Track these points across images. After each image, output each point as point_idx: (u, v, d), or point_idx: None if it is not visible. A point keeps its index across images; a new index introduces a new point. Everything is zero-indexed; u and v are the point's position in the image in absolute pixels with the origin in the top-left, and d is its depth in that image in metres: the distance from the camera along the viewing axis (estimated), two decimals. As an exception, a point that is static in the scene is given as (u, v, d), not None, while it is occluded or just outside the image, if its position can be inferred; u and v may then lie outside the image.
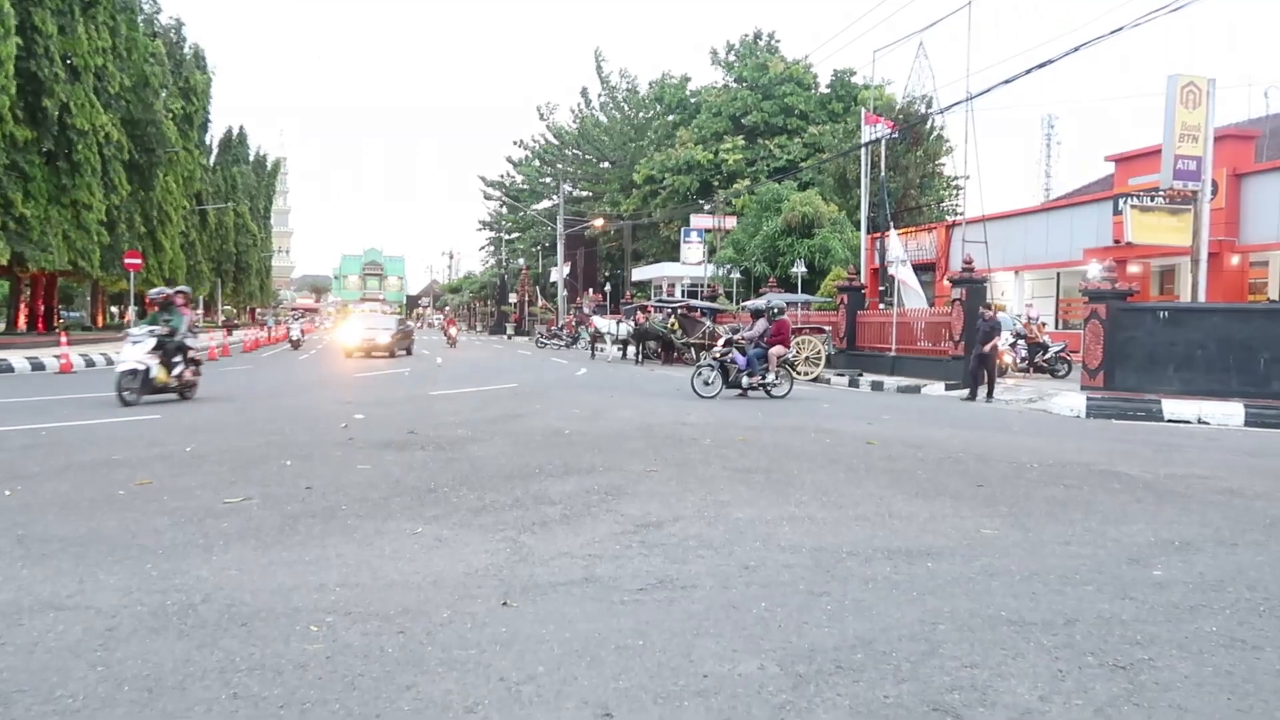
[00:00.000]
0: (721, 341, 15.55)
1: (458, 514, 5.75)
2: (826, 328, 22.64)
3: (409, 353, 29.49)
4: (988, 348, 15.69)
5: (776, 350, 14.88)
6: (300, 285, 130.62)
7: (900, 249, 21.93)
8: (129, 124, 33.49)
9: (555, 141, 63.63)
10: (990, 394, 15.75)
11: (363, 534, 5.23)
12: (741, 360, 14.74)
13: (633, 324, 28.26)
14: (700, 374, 14.84)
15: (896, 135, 28.12)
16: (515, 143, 67.29)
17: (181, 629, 3.72)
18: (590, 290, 56.57)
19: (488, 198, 74.10)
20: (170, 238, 39.66)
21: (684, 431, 9.93)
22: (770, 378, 14.75)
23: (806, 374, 20.27)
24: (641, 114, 59.97)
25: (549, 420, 10.83)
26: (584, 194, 64.93)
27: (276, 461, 7.56)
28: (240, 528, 5.33)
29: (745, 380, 14.68)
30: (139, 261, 29.90)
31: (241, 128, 60.58)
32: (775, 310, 15.69)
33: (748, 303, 17.31)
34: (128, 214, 34.98)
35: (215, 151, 56.88)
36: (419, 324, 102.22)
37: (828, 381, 20.01)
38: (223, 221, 55.39)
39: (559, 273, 55.78)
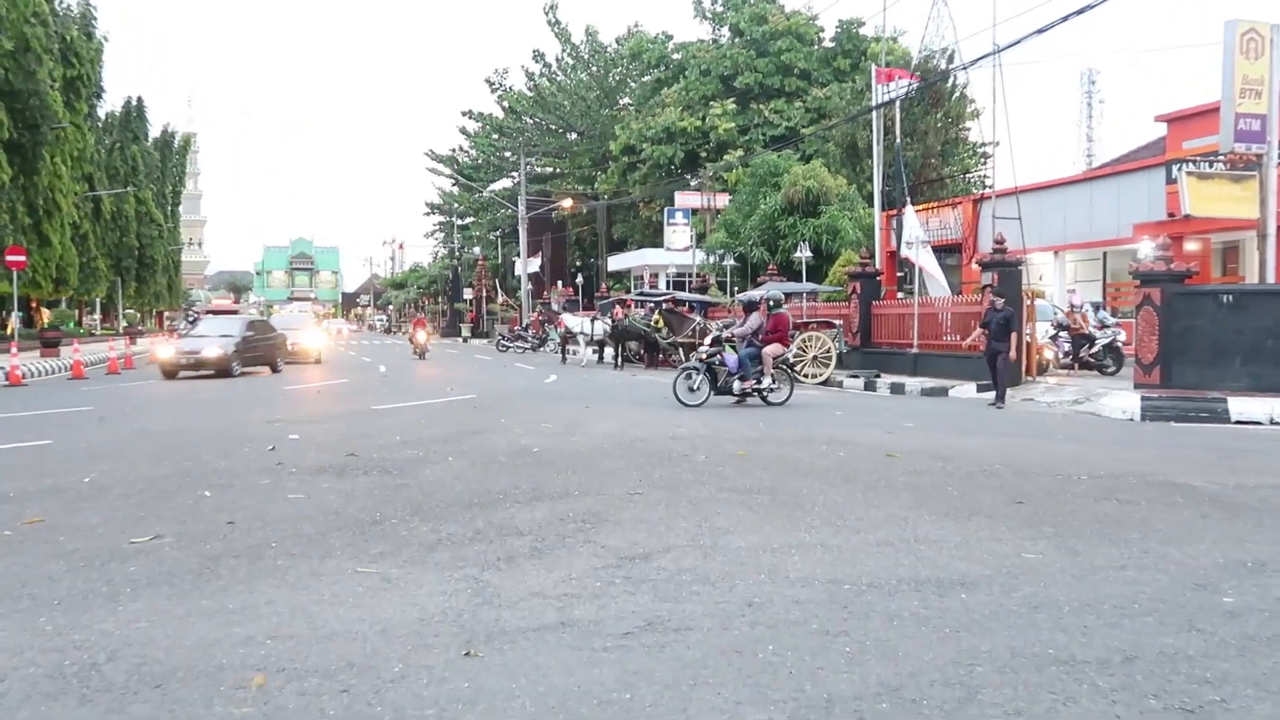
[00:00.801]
0: (709, 340, 15.58)
1: (409, 549, 5.73)
2: (837, 322, 22.76)
3: (274, 369, 25.13)
4: (1010, 342, 15.58)
5: (772, 349, 14.95)
6: (216, 283, 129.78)
7: (919, 228, 22.05)
8: (7, 96, 33.15)
9: (511, 112, 63.45)
10: (1000, 396, 15.62)
11: (296, 576, 5.19)
12: (732, 361, 14.80)
13: (609, 321, 28.31)
14: (685, 378, 14.86)
15: (912, 88, 28.24)
16: (465, 113, 66.77)
17: (83, 693, 3.67)
18: (559, 283, 56.64)
19: (437, 174, 73.95)
20: (59, 230, 39.27)
21: (673, 446, 9.94)
22: (766, 381, 14.83)
23: (814, 376, 20.36)
24: (613, 74, 59.92)
25: (514, 437, 10.81)
26: (549, 170, 64.89)
27: (192, 492, 7.50)
28: (151, 572, 5.28)
29: (736, 385, 14.75)
30: (23, 259, 29.55)
31: (140, 99, 60.05)
32: (772, 302, 15.70)
33: (741, 295, 17.29)
34: (9, 203, 34.62)
35: (112, 128, 56.37)
36: (358, 326, 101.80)
37: (839, 384, 20.10)
38: (122, 209, 54.92)
39: (523, 263, 55.74)
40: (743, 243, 34.03)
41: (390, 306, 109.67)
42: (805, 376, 20.34)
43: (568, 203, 53.31)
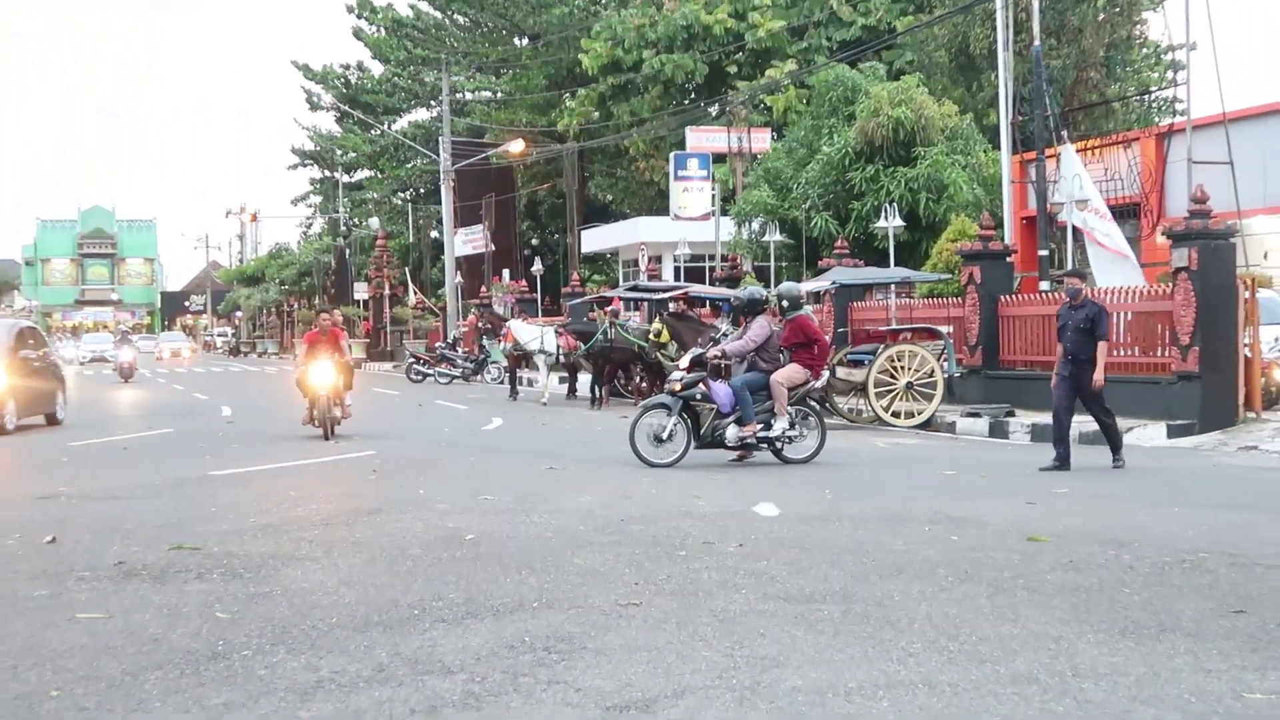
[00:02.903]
0: (684, 360, 15.55)
1: (271, 698, 5.70)
2: (944, 329, 22.73)
3: None
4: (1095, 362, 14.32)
5: (788, 374, 14.90)
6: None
7: (1085, 179, 22.04)
8: None
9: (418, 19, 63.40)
10: (1116, 451, 14.70)
11: (91, 742, 5.15)
12: (723, 395, 14.76)
13: (566, 333, 28.28)
14: (648, 419, 14.86)
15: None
16: (351, 8, 66.32)
17: None
18: (505, 273, 56.59)
19: (315, 106, 73.90)
20: None
21: (689, 530, 9.91)
22: (779, 425, 14.73)
23: (911, 415, 20.32)
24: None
25: (437, 516, 10.78)
26: (486, 95, 64.93)
27: (-76, 611, 7.45)
28: None
29: (732, 432, 14.68)
30: None
31: None
32: (785, 302, 15.64)
33: (742, 290, 17.06)
34: None
35: None
36: (193, 344, 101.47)
37: (950, 427, 20.07)
38: None
39: (449, 241, 55.67)
40: (795, 205, 34.05)
41: (239, 313, 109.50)
42: (896, 416, 20.31)
43: (517, 146, 53.25)
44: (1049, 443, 17.87)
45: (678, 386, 14.83)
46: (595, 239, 56.25)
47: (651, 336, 26.29)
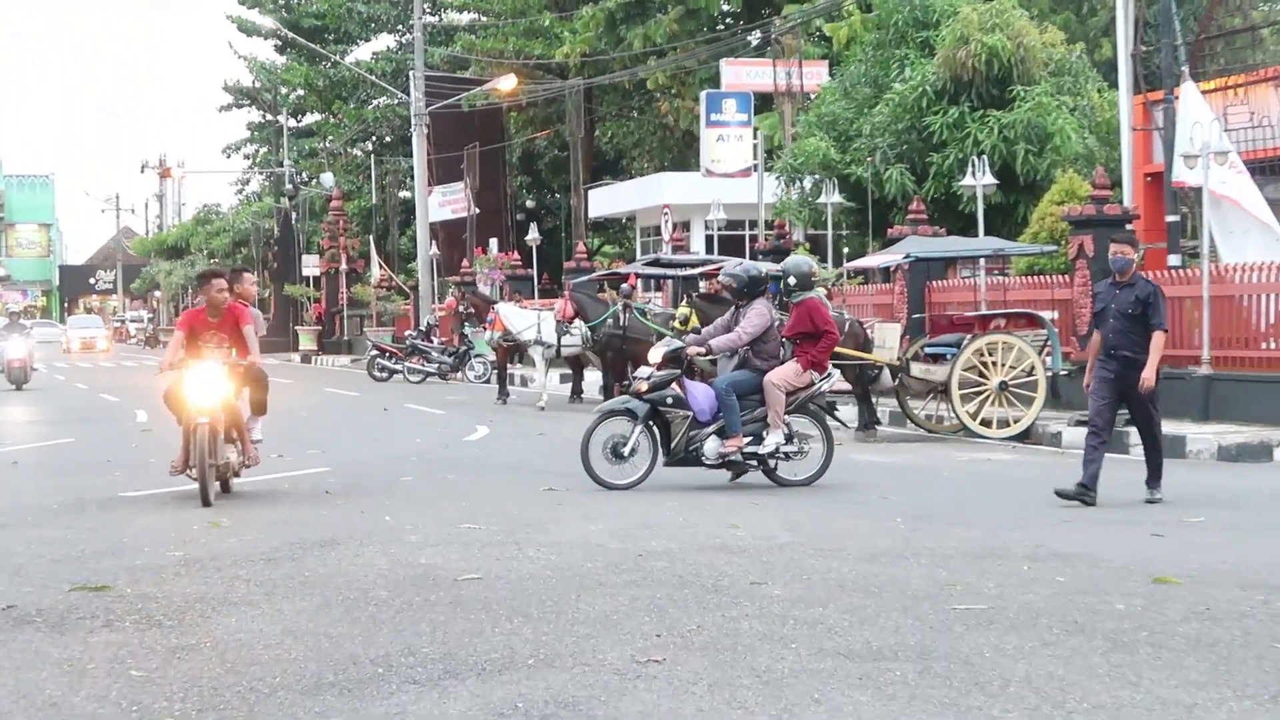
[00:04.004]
0: (656, 354, 15.50)
1: (197, 778, 5.70)
2: (1046, 315, 22.65)
3: None
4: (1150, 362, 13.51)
5: (785, 374, 14.94)
6: None
7: (1217, 127, 21.94)
8: None
9: None
10: (1154, 475, 14.11)
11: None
12: (703, 401, 14.79)
13: (573, 319, 28.21)
14: (607, 428, 14.97)
15: None
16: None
17: None
18: (492, 243, 56.55)
19: (248, 31, 73.97)
20: None
21: (724, 567, 9.92)
22: (772, 439, 14.75)
23: (1006, 424, 20.25)
24: None
25: (407, 550, 10.80)
26: (463, 11, 64.79)
27: None
28: None
29: (711, 446, 14.72)
30: None
31: None
32: (793, 280, 15.69)
33: (736, 267, 16.91)
34: None
35: None
36: (108, 327, 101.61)
37: (1054, 438, 20.01)
38: None
39: (421, 203, 55.57)
40: (858, 158, 33.95)
41: (157, 293, 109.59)
42: (987, 425, 20.23)
43: (508, 83, 52.98)
44: (1183, 459, 17.87)
45: (644, 387, 14.76)
46: (606, 200, 56.14)
47: (677, 324, 26.15)
